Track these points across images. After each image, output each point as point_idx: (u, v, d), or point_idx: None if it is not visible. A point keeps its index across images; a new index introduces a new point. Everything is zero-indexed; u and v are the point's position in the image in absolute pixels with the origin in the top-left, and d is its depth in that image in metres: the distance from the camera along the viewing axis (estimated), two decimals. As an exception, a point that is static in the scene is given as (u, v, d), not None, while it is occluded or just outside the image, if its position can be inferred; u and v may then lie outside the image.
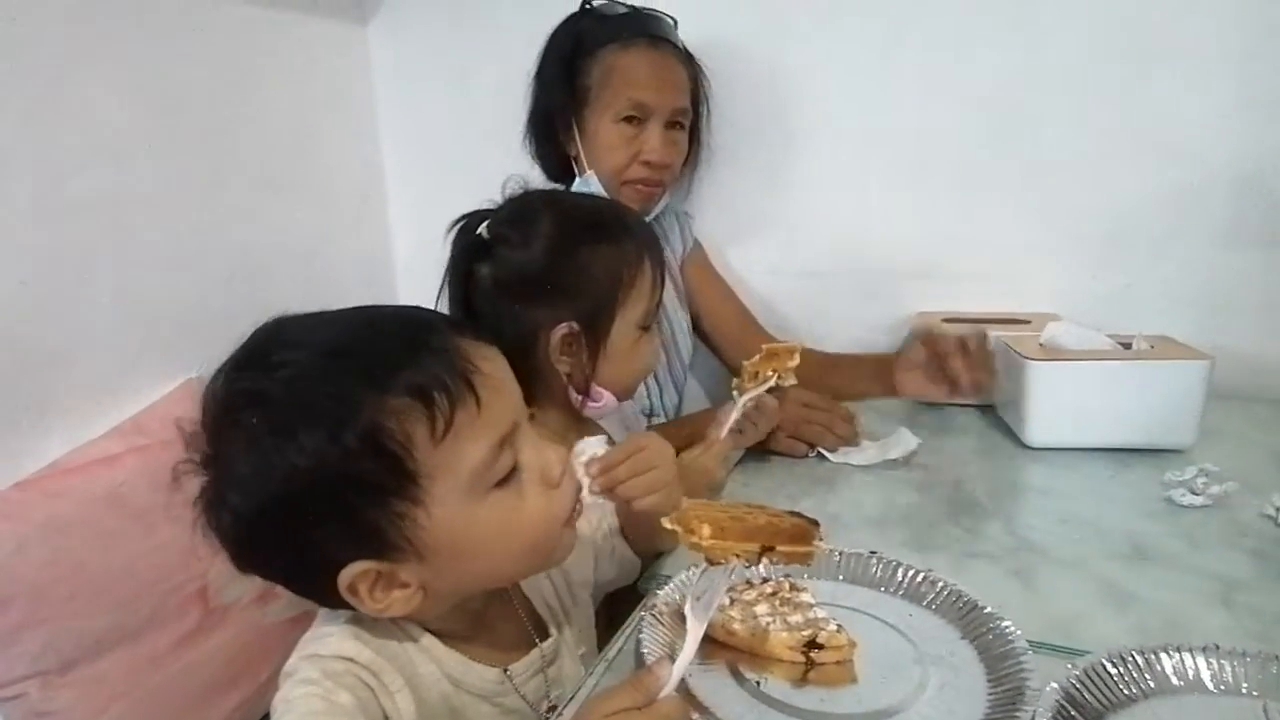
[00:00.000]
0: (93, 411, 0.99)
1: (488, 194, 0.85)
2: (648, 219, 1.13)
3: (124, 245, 1.05)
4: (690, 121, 1.13)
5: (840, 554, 0.67)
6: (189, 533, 0.99)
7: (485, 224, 0.81)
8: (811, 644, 0.55)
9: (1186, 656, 0.51)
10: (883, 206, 1.26)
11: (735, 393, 0.91)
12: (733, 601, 0.60)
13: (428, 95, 1.49)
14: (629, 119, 1.06)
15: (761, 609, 0.59)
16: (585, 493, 0.58)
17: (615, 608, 0.81)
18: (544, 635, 0.63)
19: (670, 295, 1.19)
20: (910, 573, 0.64)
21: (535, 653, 0.61)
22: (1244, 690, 0.49)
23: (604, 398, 0.81)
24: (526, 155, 1.17)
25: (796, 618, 0.58)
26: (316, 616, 0.56)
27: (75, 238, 0.99)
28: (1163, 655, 0.51)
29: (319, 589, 0.50)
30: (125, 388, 1.03)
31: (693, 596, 0.48)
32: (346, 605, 0.50)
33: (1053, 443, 0.95)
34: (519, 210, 0.81)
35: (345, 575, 0.48)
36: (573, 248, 0.78)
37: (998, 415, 1.05)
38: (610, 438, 0.85)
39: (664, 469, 0.62)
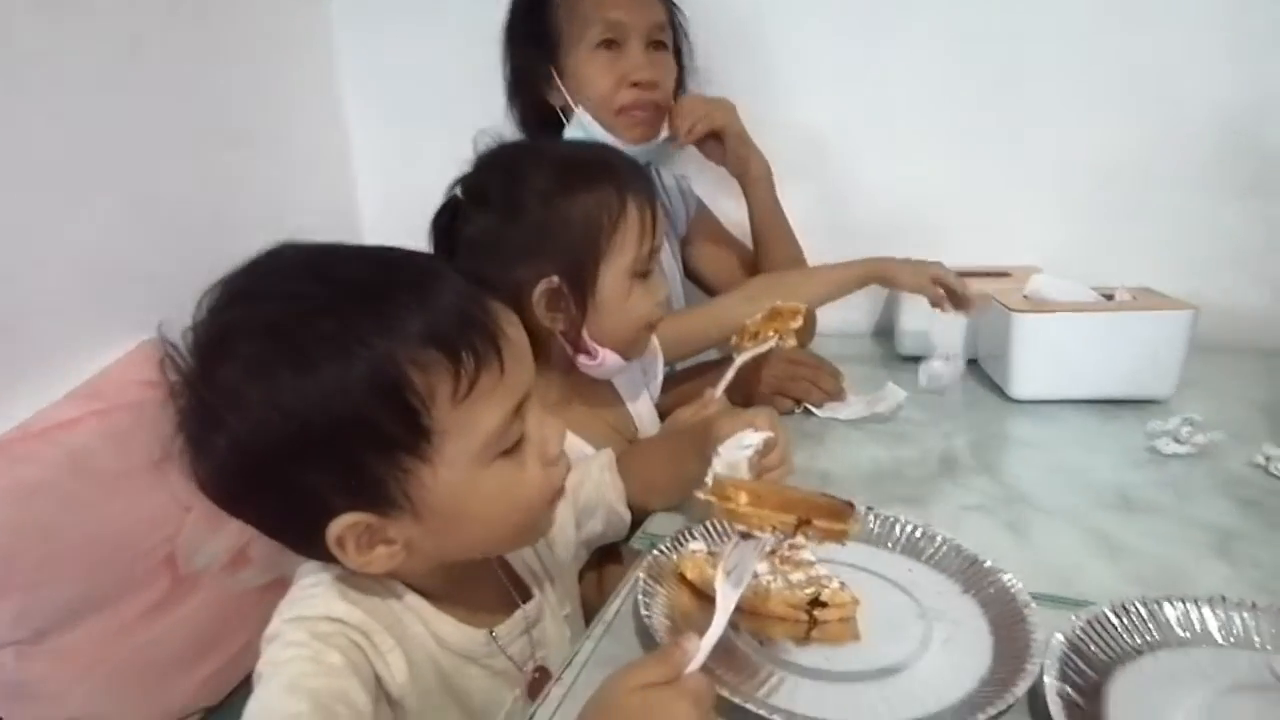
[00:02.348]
0: (47, 375, 0.94)
1: (459, 144, 0.81)
2: (653, 144, 1.08)
3: (76, 202, 0.98)
4: (672, 45, 1.08)
5: (836, 510, 0.66)
6: (154, 498, 0.95)
7: (459, 184, 0.77)
8: (815, 602, 0.54)
9: (1192, 608, 0.51)
10: (865, 160, 1.24)
11: (734, 351, 0.89)
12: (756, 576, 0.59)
13: (392, 39, 1.41)
14: (606, 43, 1.01)
15: (762, 567, 0.57)
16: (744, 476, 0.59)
17: (605, 566, 0.80)
18: (526, 596, 0.61)
19: (668, 260, 1.15)
20: (908, 528, 0.63)
21: (519, 614, 0.59)
22: (1255, 642, 0.49)
23: (601, 354, 0.77)
24: (500, 101, 1.11)
25: (798, 575, 0.56)
26: (295, 577, 0.53)
27: (26, 195, 0.92)
28: (1167, 606, 0.51)
29: (301, 535, 0.48)
30: (80, 350, 0.97)
31: (723, 570, 0.46)
32: (320, 555, 0.48)
33: (1037, 395, 0.94)
34: (490, 165, 0.77)
35: (337, 525, 0.46)
36: (545, 197, 0.74)
37: (981, 368, 1.05)
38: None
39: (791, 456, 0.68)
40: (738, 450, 0.63)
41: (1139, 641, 0.49)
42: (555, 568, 0.66)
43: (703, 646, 0.44)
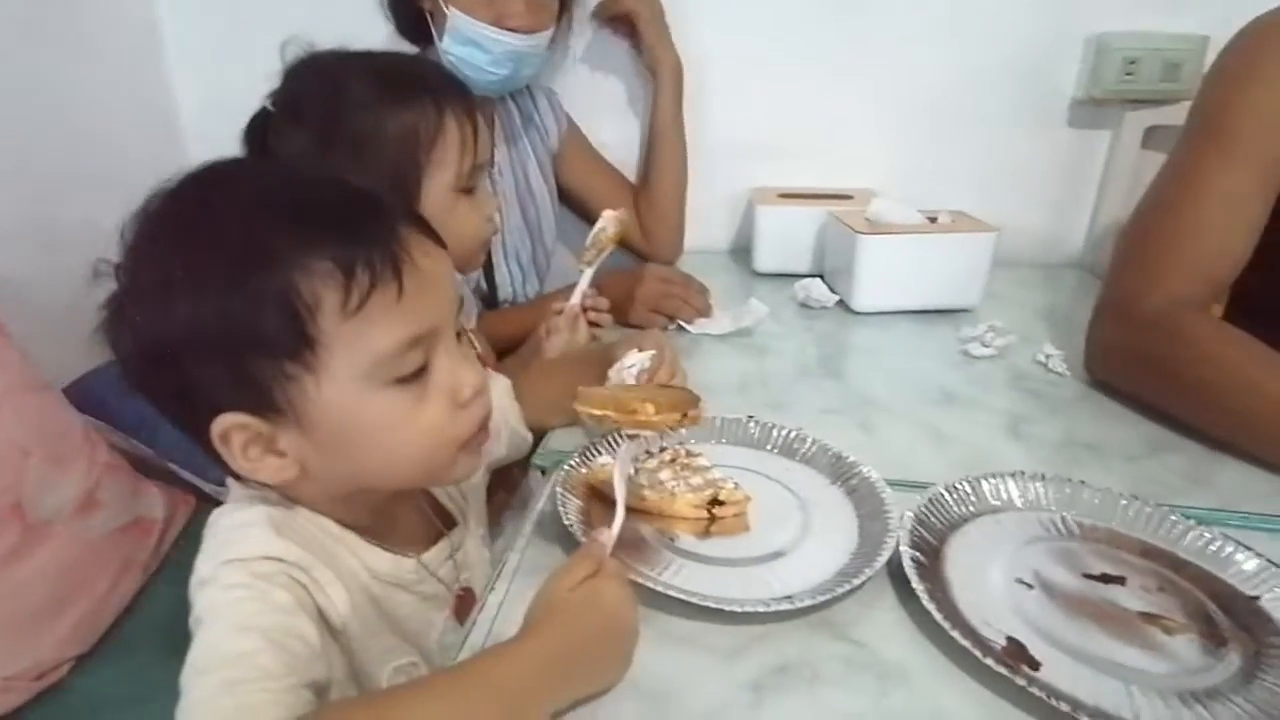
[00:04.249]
0: None
1: (290, 31, 0.75)
2: (540, 35, 1.03)
3: None
4: None
5: (721, 420, 0.75)
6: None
7: (269, 97, 0.73)
8: (714, 501, 0.63)
9: (999, 482, 0.65)
10: (722, 84, 1.28)
11: (582, 265, 0.91)
12: (637, 471, 0.66)
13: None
14: None
15: (665, 475, 0.65)
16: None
17: (497, 485, 0.84)
18: (449, 523, 0.65)
19: (537, 181, 1.15)
20: (783, 431, 0.73)
21: (444, 541, 0.62)
22: (1044, 505, 0.63)
23: None
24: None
25: (697, 480, 0.64)
26: (212, 518, 0.52)
27: None
28: (983, 482, 0.64)
29: (197, 430, 0.50)
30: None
31: (619, 472, 0.54)
32: (196, 421, 0.49)
33: (875, 307, 1.08)
34: (302, 76, 0.74)
35: (220, 422, 0.48)
36: (361, 112, 0.72)
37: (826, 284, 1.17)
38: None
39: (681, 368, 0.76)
40: (623, 371, 0.70)
41: (966, 511, 0.62)
42: (470, 491, 0.69)
43: (612, 536, 0.52)
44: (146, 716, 0.85)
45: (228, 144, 0.73)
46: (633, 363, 0.64)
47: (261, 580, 0.47)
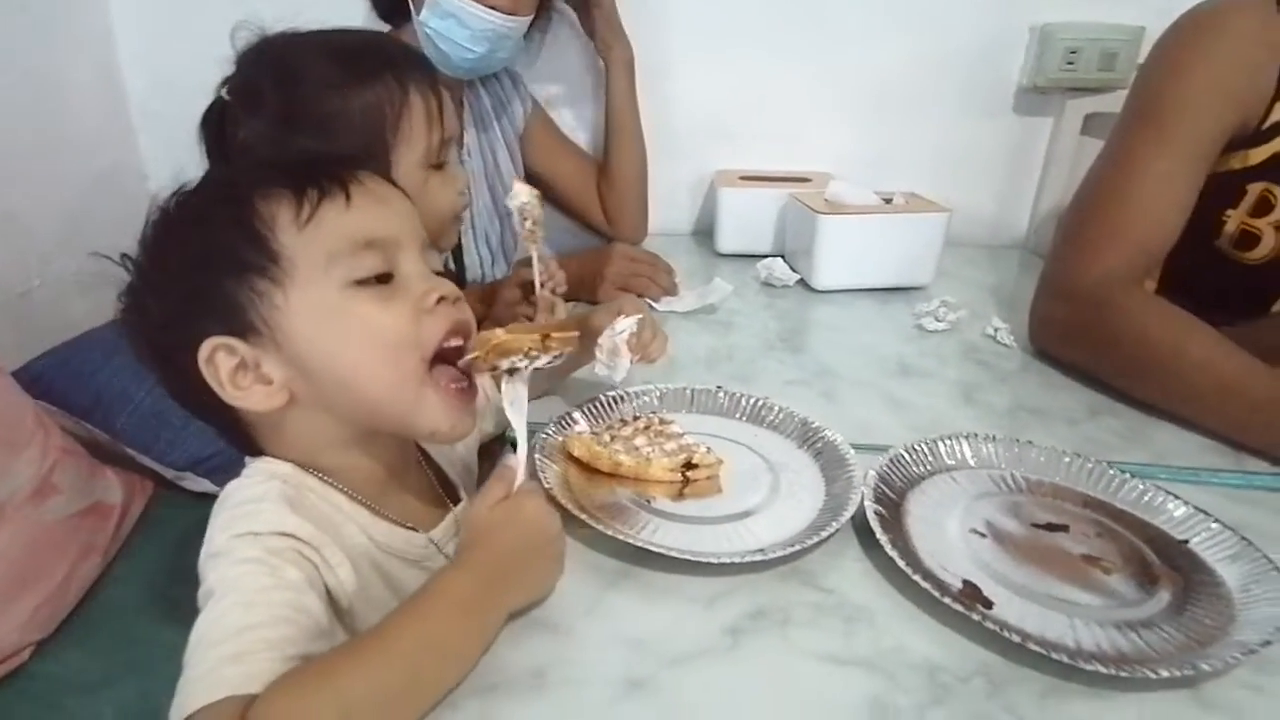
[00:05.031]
0: None
1: (239, 8, 0.73)
2: (523, 19, 1.02)
3: None
4: None
5: (691, 390, 0.78)
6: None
7: (223, 85, 0.72)
8: (688, 465, 0.65)
9: (954, 443, 0.69)
10: (685, 71, 1.31)
11: (531, 247, 0.89)
12: (613, 439, 0.68)
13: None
14: None
15: (640, 441, 0.67)
16: (626, 363, 0.66)
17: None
18: (455, 499, 0.65)
19: (506, 164, 1.15)
20: (750, 400, 0.76)
21: (450, 517, 0.62)
22: (995, 464, 0.68)
23: None
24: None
25: (671, 445, 0.67)
26: (224, 495, 0.52)
27: None
28: (939, 443, 0.68)
29: (184, 371, 0.52)
30: None
31: (508, 403, 0.56)
32: (210, 400, 0.51)
33: (834, 285, 1.12)
34: (257, 61, 0.72)
35: (205, 346, 0.50)
36: (322, 95, 0.71)
37: (788, 263, 1.21)
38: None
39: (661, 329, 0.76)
40: (615, 336, 0.71)
41: (923, 470, 0.66)
42: (470, 467, 0.70)
43: (520, 462, 0.55)
44: (110, 699, 0.85)
45: (176, 122, 0.73)
46: (623, 328, 0.65)
47: (274, 556, 0.48)
